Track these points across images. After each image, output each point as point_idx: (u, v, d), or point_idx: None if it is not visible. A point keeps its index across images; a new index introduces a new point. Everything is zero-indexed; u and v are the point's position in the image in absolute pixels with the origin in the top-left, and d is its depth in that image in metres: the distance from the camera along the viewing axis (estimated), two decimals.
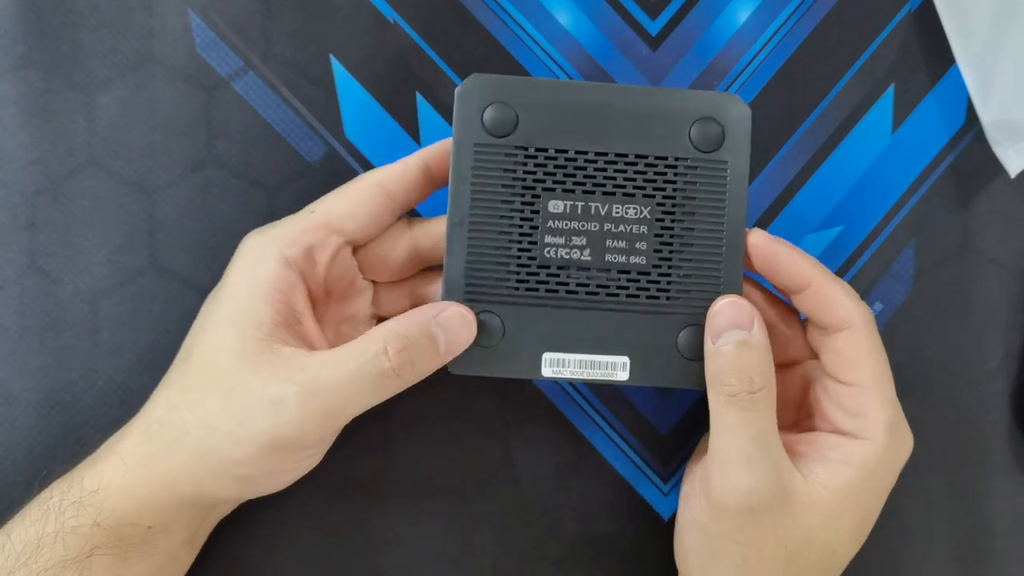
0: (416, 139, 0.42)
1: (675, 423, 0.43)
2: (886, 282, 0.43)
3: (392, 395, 0.34)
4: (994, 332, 0.43)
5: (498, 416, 0.42)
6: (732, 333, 0.34)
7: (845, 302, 0.35)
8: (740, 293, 0.36)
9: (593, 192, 0.36)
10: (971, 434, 0.43)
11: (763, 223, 0.43)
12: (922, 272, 0.43)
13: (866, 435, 0.35)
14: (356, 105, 0.42)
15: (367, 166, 0.42)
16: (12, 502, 0.40)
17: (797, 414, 0.39)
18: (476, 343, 0.36)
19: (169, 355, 0.36)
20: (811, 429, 0.38)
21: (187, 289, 0.42)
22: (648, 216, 0.36)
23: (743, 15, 0.43)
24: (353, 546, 0.42)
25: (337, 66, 0.42)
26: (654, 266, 0.36)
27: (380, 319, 0.40)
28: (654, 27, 0.43)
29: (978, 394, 0.43)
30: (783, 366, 0.39)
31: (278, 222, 0.37)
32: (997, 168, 0.43)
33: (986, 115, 0.42)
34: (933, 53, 0.43)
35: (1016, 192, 0.43)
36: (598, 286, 0.36)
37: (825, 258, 0.43)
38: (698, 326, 0.36)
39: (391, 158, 0.42)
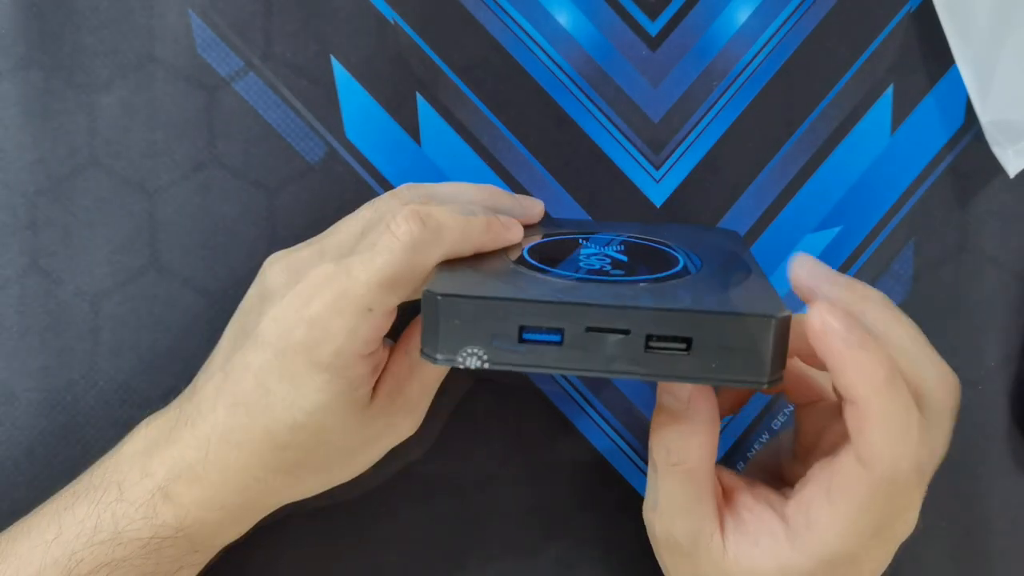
0: (416, 139, 0.42)
1: None
2: (885, 282, 0.43)
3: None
4: (993, 332, 0.43)
5: (498, 416, 0.42)
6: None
7: (850, 373, 0.29)
8: None
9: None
10: (970, 434, 0.43)
11: (762, 224, 0.43)
12: (921, 272, 0.43)
13: (800, 549, 0.30)
14: (357, 105, 0.42)
15: (368, 167, 0.42)
16: (14, 502, 0.40)
17: (809, 455, 0.34)
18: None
19: (169, 355, 0.36)
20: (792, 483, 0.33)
21: (188, 289, 0.42)
22: None
23: (743, 15, 0.43)
24: (353, 546, 0.42)
25: (337, 66, 0.42)
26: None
27: None
28: (654, 27, 0.43)
29: (977, 394, 0.43)
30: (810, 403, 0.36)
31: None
32: (996, 168, 0.43)
33: (985, 115, 0.42)
34: (932, 53, 0.43)
35: (1015, 192, 0.43)
36: None
37: (824, 258, 0.43)
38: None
39: (391, 158, 0.42)
